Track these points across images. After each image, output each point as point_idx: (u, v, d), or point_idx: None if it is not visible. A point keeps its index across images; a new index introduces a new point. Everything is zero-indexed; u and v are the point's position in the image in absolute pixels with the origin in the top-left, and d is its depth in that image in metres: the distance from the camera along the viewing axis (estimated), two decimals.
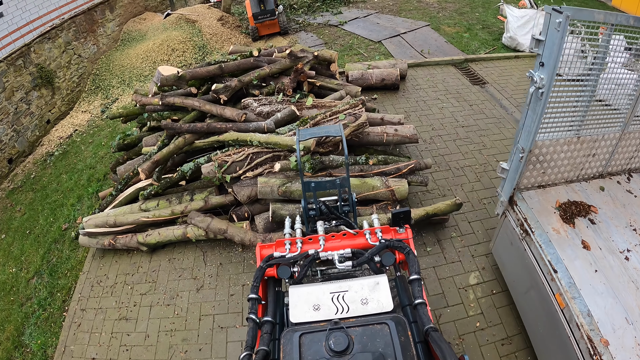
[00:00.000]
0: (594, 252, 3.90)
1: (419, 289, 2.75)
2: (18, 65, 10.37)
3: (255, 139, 5.87)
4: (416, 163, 6.23)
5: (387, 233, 3.32)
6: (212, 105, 6.64)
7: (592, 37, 3.75)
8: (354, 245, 3.26)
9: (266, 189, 5.74)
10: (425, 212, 5.73)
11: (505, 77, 9.69)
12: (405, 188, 5.93)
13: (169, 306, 5.39)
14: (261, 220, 5.96)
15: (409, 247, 3.03)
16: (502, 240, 4.78)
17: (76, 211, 7.58)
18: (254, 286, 2.94)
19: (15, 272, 6.83)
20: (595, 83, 3.98)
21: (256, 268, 3.09)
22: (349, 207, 4.34)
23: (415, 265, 2.88)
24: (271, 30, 13.50)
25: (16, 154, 10.07)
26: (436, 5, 14.61)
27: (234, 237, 5.69)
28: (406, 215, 3.24)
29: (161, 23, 14.76)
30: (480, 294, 5.12)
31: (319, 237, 3.29)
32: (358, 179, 5.98)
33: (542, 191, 4.50)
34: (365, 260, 3.01)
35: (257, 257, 3.32)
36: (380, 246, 3.04)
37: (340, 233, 3.34)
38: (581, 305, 3.45)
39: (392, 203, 6.07)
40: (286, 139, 5.76)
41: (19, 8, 11.78)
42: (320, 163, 5.91)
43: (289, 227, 3.84)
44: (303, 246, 3.27)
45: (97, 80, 12.86)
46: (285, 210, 5.70)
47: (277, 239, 3.34)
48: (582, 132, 4.20)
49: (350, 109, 6.18)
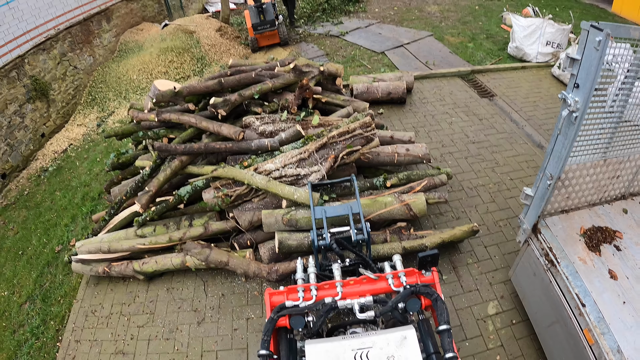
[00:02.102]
0: (621, 282, 3.70)
1: (449, 341, 2.52)
2: (12, 77, 10.08)
3: (253, 183, 5.53)
4: (429, 179, 5.96)
5: (411, 276, 3.04)
6: (209, 122, 6.34)
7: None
8: (375, 291, 2.99)
9: (270, 219, 5.47)
10: (441, 239, 5.47)
11: (514, 89, 9.48)
12: (422, 201, 5.58)
13: (169, 340, 5.08)
14: (266, 250, 5.67)
15: (436, 294, 2.78)
16: (523, 269, 4.54)
17: (70, 232, 7.27)
18: (264, 340, 2.70)
19: (7, 295, 6.51)
20: (625, 103, 3.77)
21: (266, 319, 2.83)
22: (362, 235, 4.09)
23: (445, 314, 2.66)
24: (271, 41, 13.27)
25: (10, 169, 9.76)
26: (438, 15, 14.44)
27: (236, 269, 5.42)
28: (434, 258, 2.94)
29: (159, 34, 14.54)
30: (500, 325, 4.85)
31: (336, 283, 3.02)
32: (369, 199, 5.65)
33: (565, 216, 4.29)
34: (388, 310, 2.75)
35: (266, 306, 3.04)
36: (405, 293, 2.77)
37: (360, 278, 3.06)
38: (611, 342, 3.26)
39: (410, 221, 5.78)
40: (287, 191, 5.46)
41: (15, 17, 11.57)
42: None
43: (301, 272, 3.57)
44: (318, 293, 2.99)
45: (93, 92, 12.59)
46: (293, 240, 5.40)
47: (288, 287, 3.07)
48: (608, 154, 4.01)
49: (360, 128, 5.86)
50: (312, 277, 3.47)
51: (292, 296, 3.00)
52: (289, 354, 2.81)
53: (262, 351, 2.64)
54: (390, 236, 5.64)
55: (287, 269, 5.39)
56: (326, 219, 4.35)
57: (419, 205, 5.56)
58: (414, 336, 2.45)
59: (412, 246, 5.44)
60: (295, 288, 3.02)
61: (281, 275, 5.39)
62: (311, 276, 3.48)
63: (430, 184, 6.02)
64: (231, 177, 5.69)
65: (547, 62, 10.48)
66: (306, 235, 5.45)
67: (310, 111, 6.71)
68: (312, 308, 2.84)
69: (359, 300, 2.83)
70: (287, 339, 2.94)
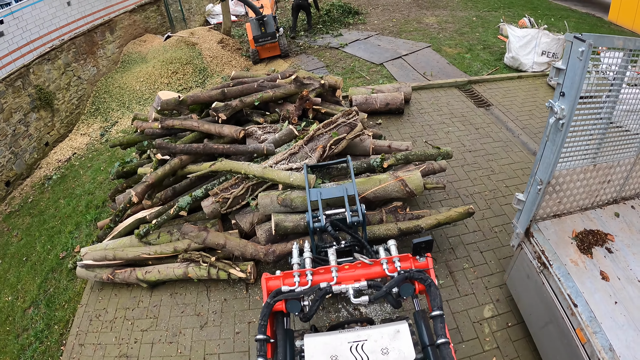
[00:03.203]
0: (613, 282, 3.79)
1: (442, 326, 2.62)
2: (17, 86, 10.25)
3: (250, 171, 5.65)
4: (428, 164, 6.01)
5: (406, 261, 3.12)
6: (210, 125, 6.53)
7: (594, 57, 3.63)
8: (369, 276, 3.07)
9: (266, 200, 5.52)
10: (437, 220, 5.56)
11: (510, 98, 9.64)
12: (417, 177, 5.55)
13: (172, 344, 5.17)
14: (263, 231, 5.70)
15: (430, 279, 2.87)
16: (517, 272, 4.64)
17: (74, 239, 7.38)
18: (261, 325, 2.78)
19: (11, 300, 6.61)
20: (613, 108, 3.89)
21: (262, 304, 2.92)
22: (358, 217, 4.15)
23: (438, 299, 2.75)
24: (272, 53, 13.45)
25: (14, 177, 9.89)
26: (436, 26, 14.65)
27: (233, 251, 5.46)
28: (428, 244, 3.03)
29: (161, 45, 14.73)
30: (496, 327, 4.94)
31: (331, 268, 3.10)
32: (363, 177, 5.73)
33: (557, 221, 4.40)
34: (382, 295, 2.85)
35: (263, 290, 3.10)
36: (399, 278, 2.88)
37: (355, 263, 3.14)
38: (603, 340, 3.35)
39: (406, 198, 5.73)
40: (283, 176, 5.53)
41: (19, 27, 11.76)
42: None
43: (296, 257, 3.67)
44: (314, 278, 3.08)
45: (97, 102, 12.74)
46: (290, 222, 5.43)
47: (285, 272, 3.15)
48: (598, 159, 4.12)
49: (343, 116, 6.02)
50: (307, 261, 3.51)
51: (288, 281, 3.08)
52: (286, 341, 2.85)
53: (259, 335, 2.71)
54: (386, 216, 5.68)
55: (284, 250, 5.45)
56: (321, 201, 4.39)
57: (414, 181, 5.54)
58: (407, 330, 2.57)
59: (407, 227, 5.49)
60: (291, 273, 3.11)
61: (278, 256, 5.45)
62: (307, 261, 3.52)
63: (429, 169, 6.05)
64: (229, 168, 5.78)
65: (542, 71, 10.64)
66: (302, 216, 5.46)
67: (310, 121, 6.86)
68: (308, 293, 2.92)
69: (354, 285, 2.92)
70: (284, 326, 3.01)
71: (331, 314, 5.18)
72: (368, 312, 5.13)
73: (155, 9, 16.85)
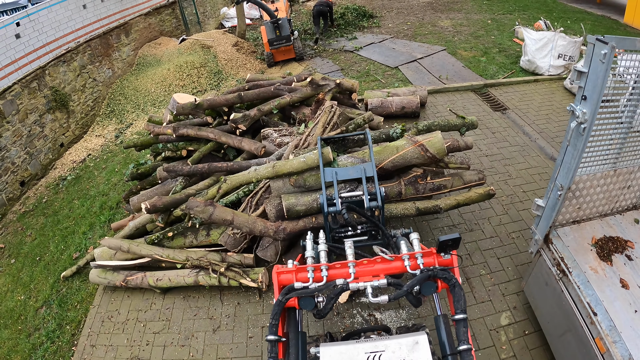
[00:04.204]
0: (632, 291, 3.70)
1: (465, 331, 2.49)
2: (32, 87, 10.38)
3: (261, 176, 5.44)
4: (453, 141, 5.55)
5: (429, 257, 2.94)
6: (228, 137, 6.45)
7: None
8: (389, 271, 2.90)
9: (278, 182, 5.29)
10: (457, 201, 5.42)
11: (526, 102, 9.51)
12: (438, 139, 5.04)
13: (184, 347, 5.15)
14: (272, 207, 5.40)
15: (455, 279, 2.71)
16: (535, 280, 4.55)
17: (87, 240, 7.41)
18: (272, 325, 2.66)
19: (23, 299, 6.65)
20: (634, 112, 3.80)
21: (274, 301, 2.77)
22: (376, 201, 3.98)
23: (462, 300, 2.60)
24: (286, 56, 13.48)
25: (29, 177, 10.00)
26: (451, 29, 14.55)
27: (241, 228, 5.24)
28: (455, 242, 2.76)
29: (176, 48, 14.84)
30: (512, 335, 4.84)
31: (348, 264, 2.90)
32: (379, 146, 5.32)
33: (577, 227, 4.30)
34: (403, 294, 2.67)
35: (274, 285, 2.92)
36: (422, 277, 2.70)
37: (374, 258, 2.95)
38: (622, 350, 3.26)
39: (427, 163, 5.30)
40: (297, 162, 5.21)
41: (35, 30, 11.90)
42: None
43: (310, 249, 3.36)
44: (329, 273, 2.89)
45: (112, 104, 12.86)
46: (302, 205, 5.15)
47: (298, 267, 2.96)
48: (618, 164, 4.03)
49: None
50: (322, 255, 3.22)
51: (302, 275, 2.90)
52: (297, 342, 2.74)
53: (270, 336, 2.60)
54: (405, 188, 5.38)
55: (295, 228, 5.23)
56: (337, 182, 4.17)
57: (435, 144, 5.07)
58: (426, 341, 2.47)
59: (425, 207, 5.31)
60: (304, 268, 2.93)
61: (289, 234, 5.26)
62: (322, 254, 3.23)
63: (454, 145, 5.61)
64: (237, 185, 5.69)
65: (559, 74, 10.48)
66: (315, 198, 5.17)
67: None
68: (323, 290, 2.75)
69: (372, 283, 2.74)
70: (297, 324, 2.87)
71: (346, 320, 5.12)
72: (383, 319, 5.07)
73: (170, 12, 16.99)
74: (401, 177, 5.48)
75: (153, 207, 5.72)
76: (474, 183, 5.68)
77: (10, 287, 6.99)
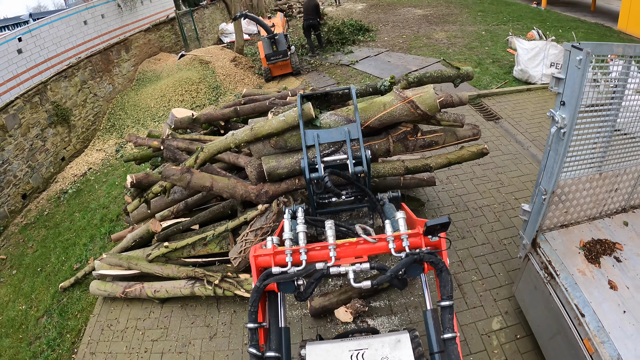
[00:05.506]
0: (621, 292, 3.75)
1: (450, 318, 2.45)
2: (34, 102, 10.56)
3: (240, 140, 5.04)
4: (446, 96, 5.16)
5: (416, 237, 2.78)
6: (227, 154, 6.32)
7: (603, 65, 3.63)
8: (372, 252, 2.80)
9: (258, 145, 5.00)
10: (448, 160, 5.29)
11: (519, 111, 9.65)
12: (430, 95, 4.65)
13: (181, 354, 5.22)
14: (253, 169, 5.14)
15: (442, 262, 2.61)
16: (525, 284, 4.62)
17: (88, 251, 7.52)
18: (251, 312, 2.60)
19: (25, 309, 6.75)
20: (616, 116, 3.87)
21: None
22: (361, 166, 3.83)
23: (449, 286, 2.54)
24: (284, 71, 13.68)
25: (30, 190, 10.13)
26: (446, 41, 14.76)
27: (221, 193, 5.08)
28: (444, 227, 2.62)
29: (175, 64, 15.05)
30: (504, 340, 4.90)
31: (329, 246, 2.77)
32: (365, 102, 4.89)
33: (565, 231, 4.36)
34: (387, 279, 2.58)
35: (252, 268, 2.80)
36: (407, 261, 2.59)
37: (356, 240, 2.82)
38: (611, 350, 3.30)
39: (417, 120, 4.92)
40: (276, 122, 4.81)
41: (37, 45, 12.12)
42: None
43: (288, 230, 3.05)
44: (309, 256, 2.79)
45: (112, 119, 13.03)
46: (283, 168, 4.85)
47: (276, 249, 2.83)
48: (603, 168, 4.10)
49: None
50: (301, 236, 2.99)
51: (280, 257, 2.80)
52: (278, 319, 2.72)
53: (250, 324, 2.58)
54: (394, 145, 5.10)
55: (277, 190, 5.06)
56: (319, 145, 4.00)
57: (426, 100, 4.68)
58: (408, 339, 2.53)
59: (415, 166, 5.17)
60: (282, 251, 2.82)
61: (271, 197, 5.10)
62: (300, 235, 2.99)
63: (448, 101, 5.19)
64: (216, 151, 5.24)
65: None
66: (297, 160, 4.87)
67: None
68: (302, 274, 2.66)
69: (354, 267, 2.67)
70: (277, 303, 2.79)
71: (339, 326, 5.19)
72: (375, 325, 5.14)
73: (169, 29, 17.27)
74: (390, 133, 5.17)
75: (138, 181, 5.75)
76: (468, 139, 5.42)
77: (12, 297, 7.09)
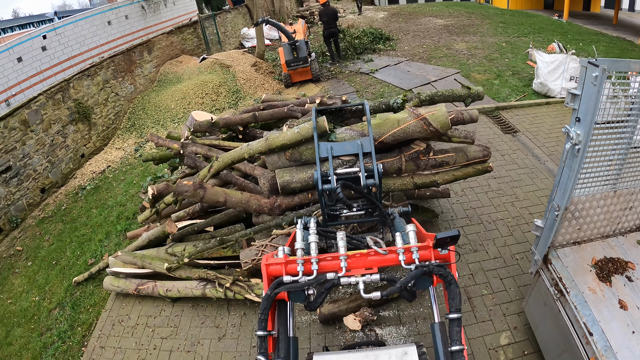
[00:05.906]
0: (631, 312, 3.69)
1: (458, 330, 2.42)
2: (57, 99, 10.82)
3: (254, 150, 5.24)
4: (457, 113, 5.29)
5: (425, 250, 2.79)
6: (243, 164, 6.31)
7: (624, 82, 3.60)
8: (382, 263, 2.81)
9: (273, 157, 5.11)
10: (454, 176, 5.41)
11: (537, 125, 9.58)
12: (442, 113, 4.79)
13: (189, 353, 5.28)
14: (266, 180, 5.23)
15: (451, 275, 2.61)
16: (535, 300, 4.59)
17: (103, 247, 7.65)
18: (261, 320, 2.60)
19: (38, 301, 6.88)
20: (633, 133, 3.81)
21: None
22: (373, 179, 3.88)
23: (457, 298, 2.52)
24: (303, 77, 13.74)
25: (49, 185, 10.37)
26: (466, 52, 14.72)
27: (235, 207, 5.15)
28: (454, 239, 2.65)
29: (197, 67, 15.24)
30: (512, 355, 4.86)
31: (340, 256, 2.80)
32: (379, 118, 5.01)
33: (577, 248, 4.32)
34: (396, 290, 2.58)
35: (263, 276, 2.84)
36: (417, 273, 2.59)
37: (367, 252, 2.84)
38: None
39: (429, 137, 5.06)
40: (290, 133, 4.94)
41: (61, 43, 12.38)
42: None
43: (300, 241, 3.06)
44: (320, 266, 2.80)
45: (133, 118, 13.25)
46: (297, 182, 4.99)
47: (287, 258, 2.86)
48: (618, 185, 4.06)
49: None
50: (312, 246, 3.00)
51: (292, 267, 2.81)
52: (287, 328, 2.72)
53: (259, 332, 2.57)
54: (406, 164, 5.20)
55: (290, 204, 5.13)
56: (332, 158, 4.07)
57: (438, 117, 4.83)
58: (415, 352, 2.51)
59: (423, 182, 5.28)
60: (294, 260, 2.83)
61: (284, 210, 5.16)
62: (312, 245, 3.01)
63: (458, 118, 5.32)
64: (229, 161, 5.51)
65: None
66: (310, 175, 5.01)
67: None
68: (313, 284, 2.68)
69: (364, 277, 2.68)
70: (286, 312, 2.80)
71: (347, 335, 5.21)
72: (383, 335, 5.14)
73: (192, 32, 17.51)
74: (402, 151, 5.29)
75: (159, 192, 5.82)
76: (478, 159, 5.51)
77: (26, 288, 7.25)
